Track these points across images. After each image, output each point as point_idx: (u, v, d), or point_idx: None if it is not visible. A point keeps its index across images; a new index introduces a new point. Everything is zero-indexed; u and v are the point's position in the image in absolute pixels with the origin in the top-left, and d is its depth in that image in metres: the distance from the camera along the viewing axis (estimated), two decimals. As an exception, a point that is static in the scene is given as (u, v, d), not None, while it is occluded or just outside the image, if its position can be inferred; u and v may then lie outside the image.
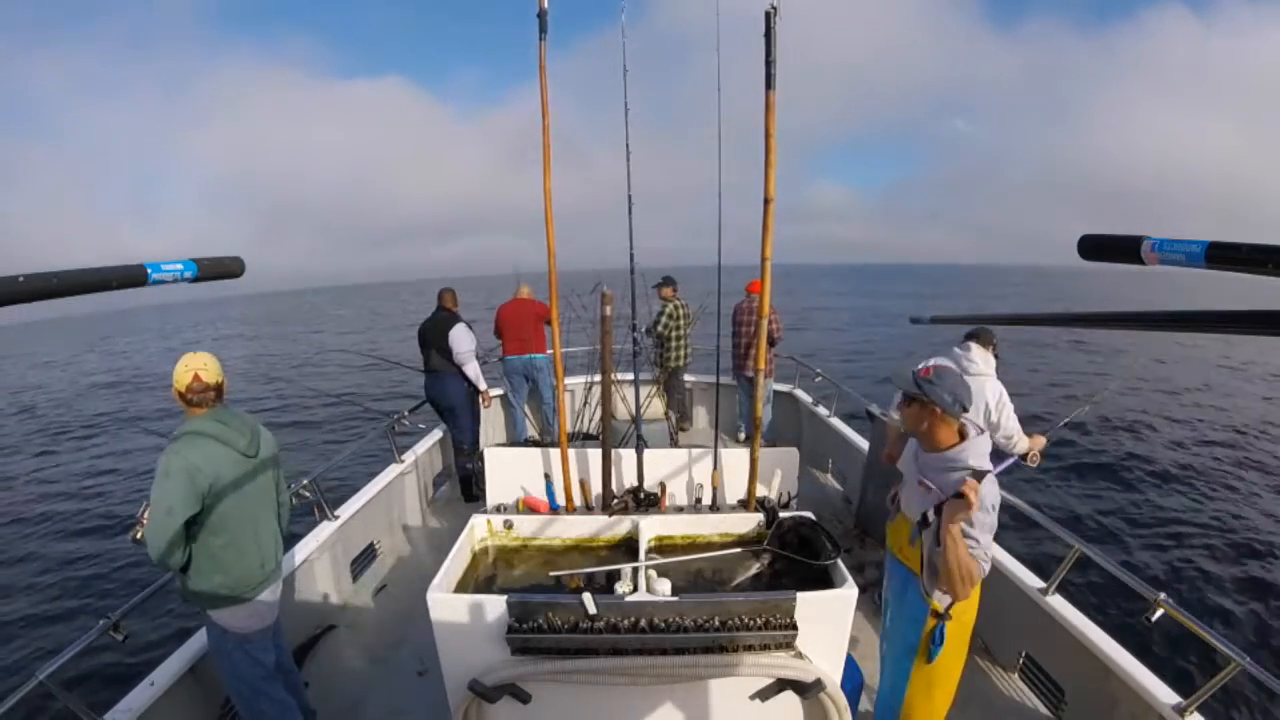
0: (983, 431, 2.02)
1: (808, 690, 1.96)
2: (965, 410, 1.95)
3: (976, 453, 1.94)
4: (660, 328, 5.98)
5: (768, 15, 2.22)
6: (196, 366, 2.17)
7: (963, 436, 2.00)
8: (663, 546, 2.49)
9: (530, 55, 2.46)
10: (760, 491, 2.68)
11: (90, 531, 6.83)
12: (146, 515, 2.10)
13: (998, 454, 3.37)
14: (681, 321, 6.07)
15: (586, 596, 1.87)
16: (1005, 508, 3.04)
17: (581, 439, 4.68)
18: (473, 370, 4.80)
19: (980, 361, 3.23)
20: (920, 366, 2.01)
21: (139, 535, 2.09)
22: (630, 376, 3.57)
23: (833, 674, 2.01)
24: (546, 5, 2.42)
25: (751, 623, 1.92)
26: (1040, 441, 3.38)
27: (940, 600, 2.02)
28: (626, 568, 2.17)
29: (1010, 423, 3.24)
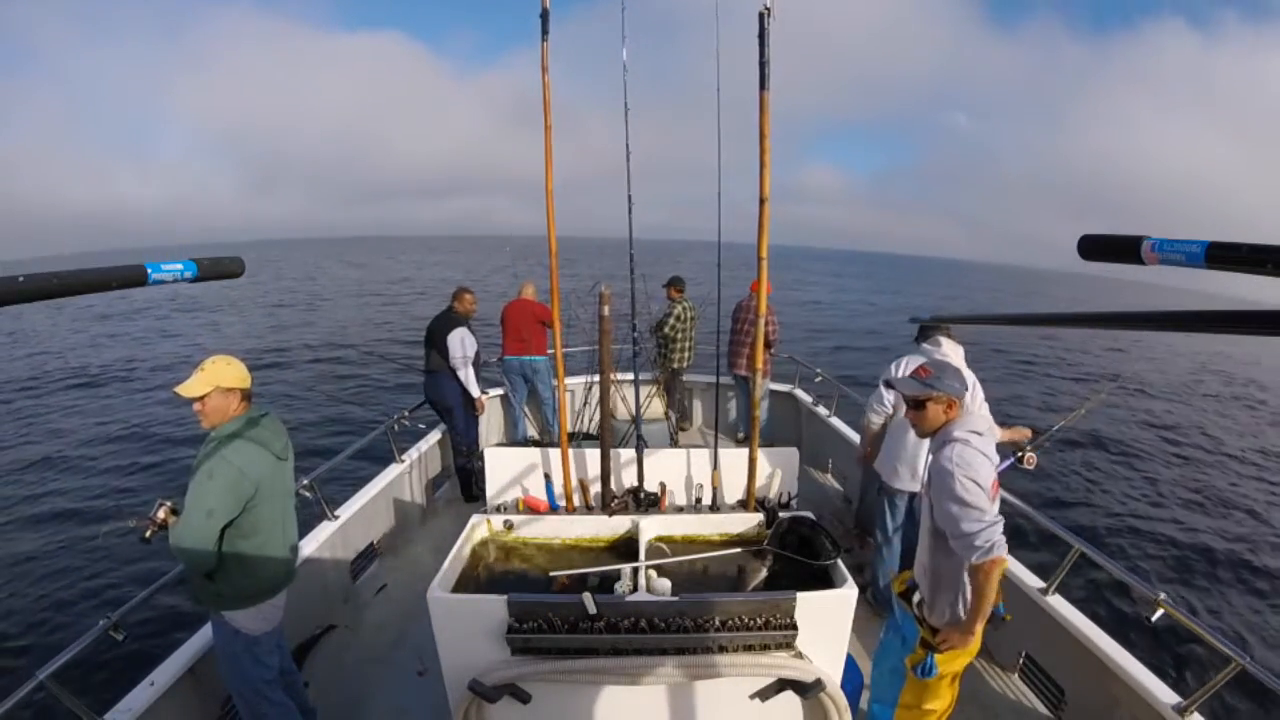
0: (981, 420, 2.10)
1: (808, 690, 1.96)
2: (965, 388, 2.06)
3: (963, 426, 2.01)
4: (668, 329, 5.98)
5: (761, 16, 2.21)
6: (241, 365, 2.20)
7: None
8: (662, 546, 2.49)
9: (531, 14, 2.42)
10: (760, 491, 2.68)
11: (91, 530, 6.82)
12: (162, 514, 2.10)
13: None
14: (689, 324, 6.07)
15: (586, 596, 1.87)
16: (1005, 508, 3.05)
17: (581, 439, 4.68)
18: (466, 376, 4.79)
19: (953, 355, 3.24)
20: (913, 368, 2.11)
21: (149, 534, 2.09)
22: (630, 376, 3.57)
23: (833, 674, 2.01)
24: (549, 5, 2.41)
25: (751, 623, 1.92)
26: (1025, 433, 3.37)
27: (937, 621, 2.04)
28: (626, 567, 2.17)
29: (984, 411, 3.23)
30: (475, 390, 4.89)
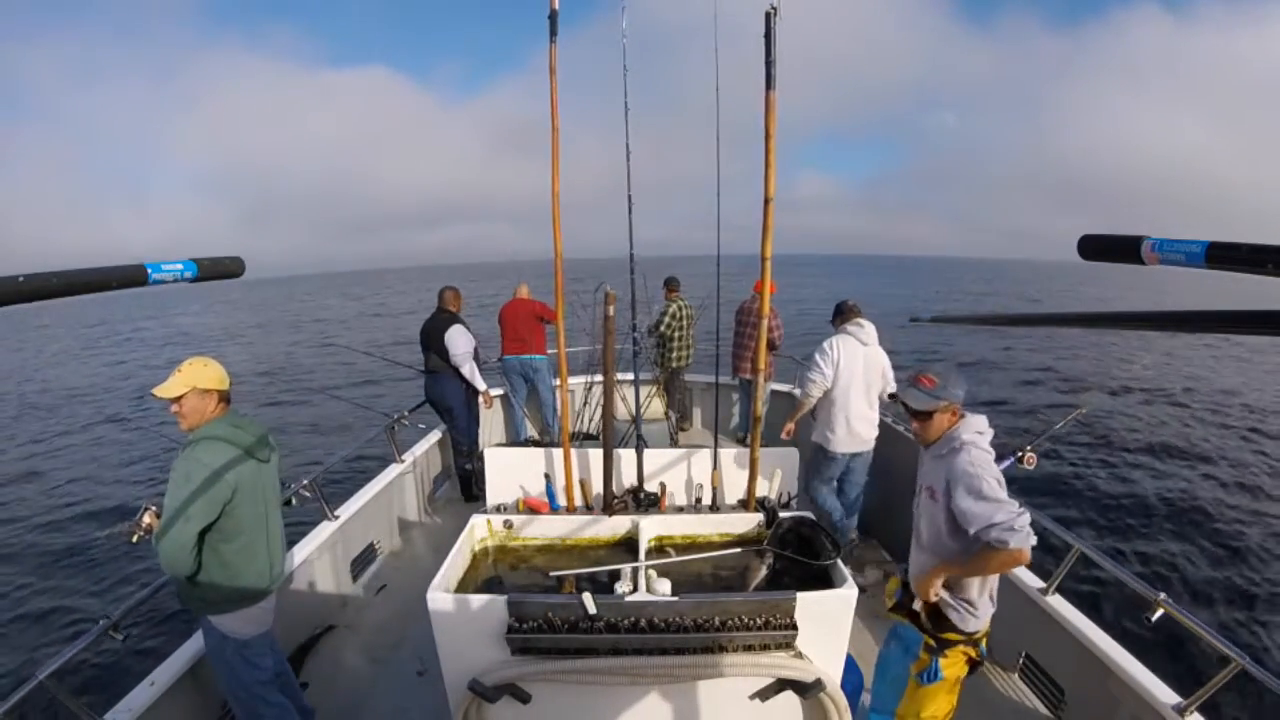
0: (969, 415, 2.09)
1: (808, 690, 1.96)
2: (966, 390, 2.06)
3: (970, 428, 2.02)
4: (664, 328, 5.98)
5: (768, 16, 2.21)
6: (219, 367, 2.18)
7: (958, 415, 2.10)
8: (663, 546, 2.49)
9: (517, 44, 2.44)
10: (760, 491, 2.68)
11: (90, 531, 6.83)
12: (146, 518, 2.09)
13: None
14: (685, 321, 6.08)
15: (586, 596, 1.87)
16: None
17: (581, 439, 4.68)
18: (469, 371, 4.80)
19: (873, 333, 3.76)
20: (915, 377, 2.09)
21: (135, 538, 2.08)
22: (630, 376, 3.57)
23: (833, 674, 2.01)
24: (558, 6, 2.40)
25: (751, 623, 1.92)
26: None
27: (949, 622, 2.03)
28: (626, 568, 2.17)
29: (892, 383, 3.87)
30: (480, 384, 4.90)
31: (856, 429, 3.76)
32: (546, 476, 2.79)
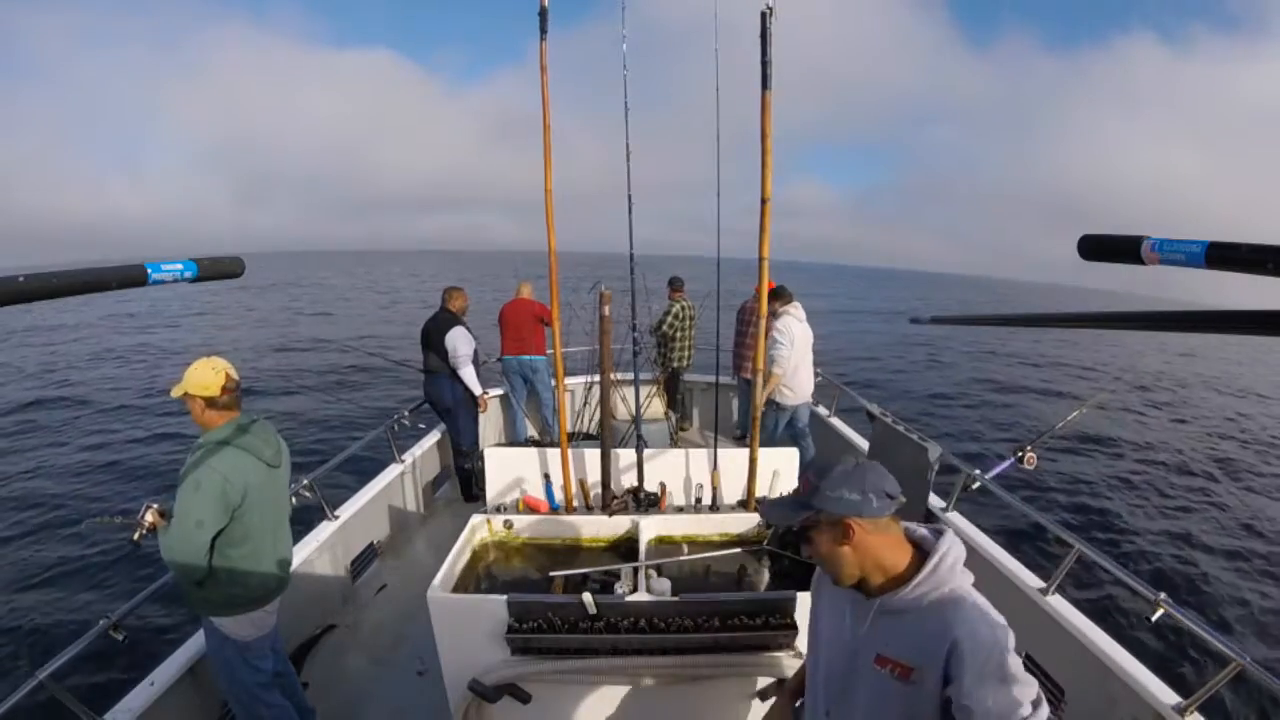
0: (941, 532, 1.21)
1: None
2: (893, 498, 1.16)
3: (953, 565, 1.15)
4: (666, 327, 5.99)
5: (763, 16, 2.22)
6: (224, 368, 2.14)
7: (918, 546, 1.20)
8: (663, 546, 2.49)
9: (519, 35, 2.42)
10: (760, 491, 2.68)
11: (89, 529, 6.82)
12: (149, 517, 2.08)
13: (997, 457, 3.41)
14: (687, 322, 6.08)
15: (586, 596, 1.87)
16: (1005, 506, 3.04)
17: (581, 439, 4.68)
18: (467, 374, 4.78)
19: (803, 312, 4.84)
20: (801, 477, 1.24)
21: (137, 537, 2.07)
22: (630, 376, 3.57)
23: (833, 674, 2.01)
24: (547, 4, 2.41)
25: (751, 623, 1.92)
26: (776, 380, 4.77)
27: None
28: (626, 568, 2.17)
29: (807, 363, 4.89)
30: (477, 388, 4.88)
31: (803, 386, 4.91)
32: (546, 476, 2.79)
